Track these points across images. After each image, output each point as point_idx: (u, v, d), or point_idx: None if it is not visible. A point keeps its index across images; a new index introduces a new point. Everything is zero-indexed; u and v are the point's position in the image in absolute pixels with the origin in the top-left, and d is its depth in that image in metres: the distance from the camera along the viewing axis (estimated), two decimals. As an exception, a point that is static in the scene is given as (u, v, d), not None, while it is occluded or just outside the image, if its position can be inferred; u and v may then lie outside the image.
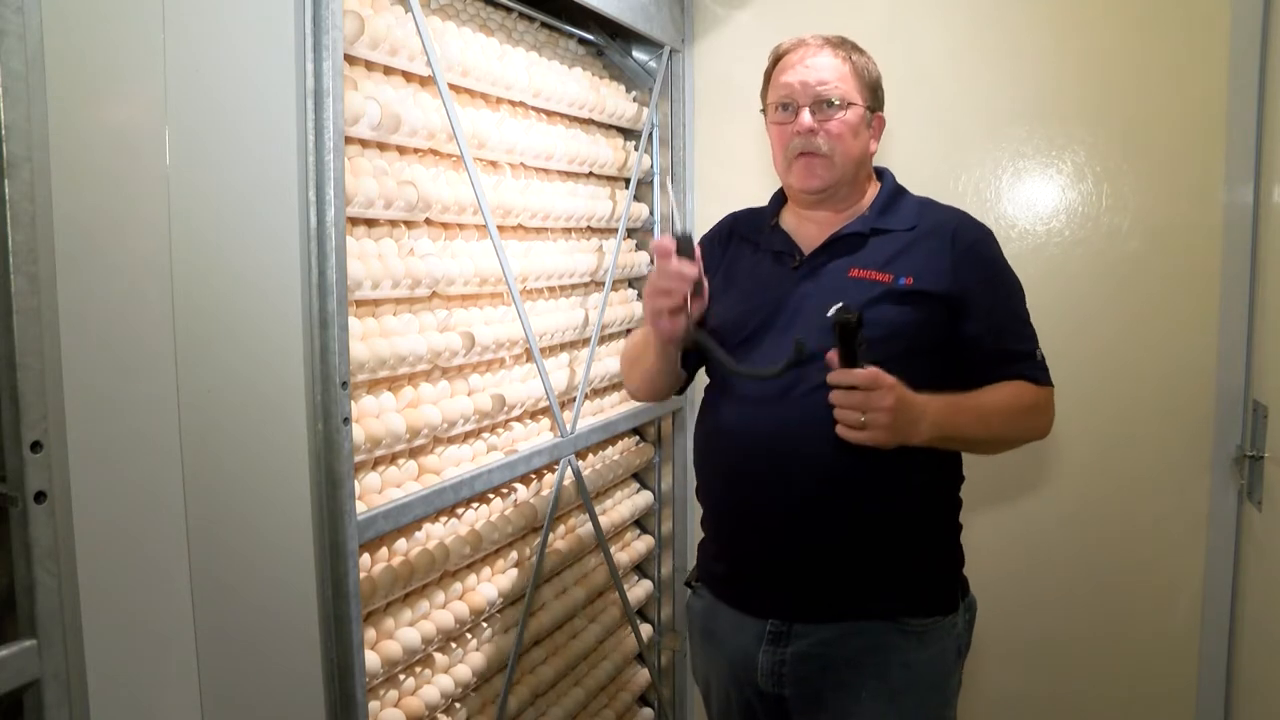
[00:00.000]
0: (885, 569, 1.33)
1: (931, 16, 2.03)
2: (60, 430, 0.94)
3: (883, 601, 1.33)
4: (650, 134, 2.14)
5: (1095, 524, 2.00)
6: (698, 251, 1.34)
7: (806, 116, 1.37)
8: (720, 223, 1.58)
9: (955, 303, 1.34)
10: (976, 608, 1.47)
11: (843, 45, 1.43)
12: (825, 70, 1.38)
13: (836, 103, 1.37)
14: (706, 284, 1.37)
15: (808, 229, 1.44)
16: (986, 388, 1.34)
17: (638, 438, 2.28)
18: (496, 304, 1.70)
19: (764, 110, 1.46)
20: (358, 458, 1.30)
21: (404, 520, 1.37)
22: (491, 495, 1.68)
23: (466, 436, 1.64)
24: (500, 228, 1.66)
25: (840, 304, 1.27)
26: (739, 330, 1.40)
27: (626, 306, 2.13)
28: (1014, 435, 1.38)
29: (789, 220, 1.48)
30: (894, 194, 1.44)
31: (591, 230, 2.03)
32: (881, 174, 1.49)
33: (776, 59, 1.45)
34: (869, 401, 1.20)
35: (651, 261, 2.22)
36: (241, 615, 1.23)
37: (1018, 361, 1.37)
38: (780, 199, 1.51)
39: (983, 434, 1.33)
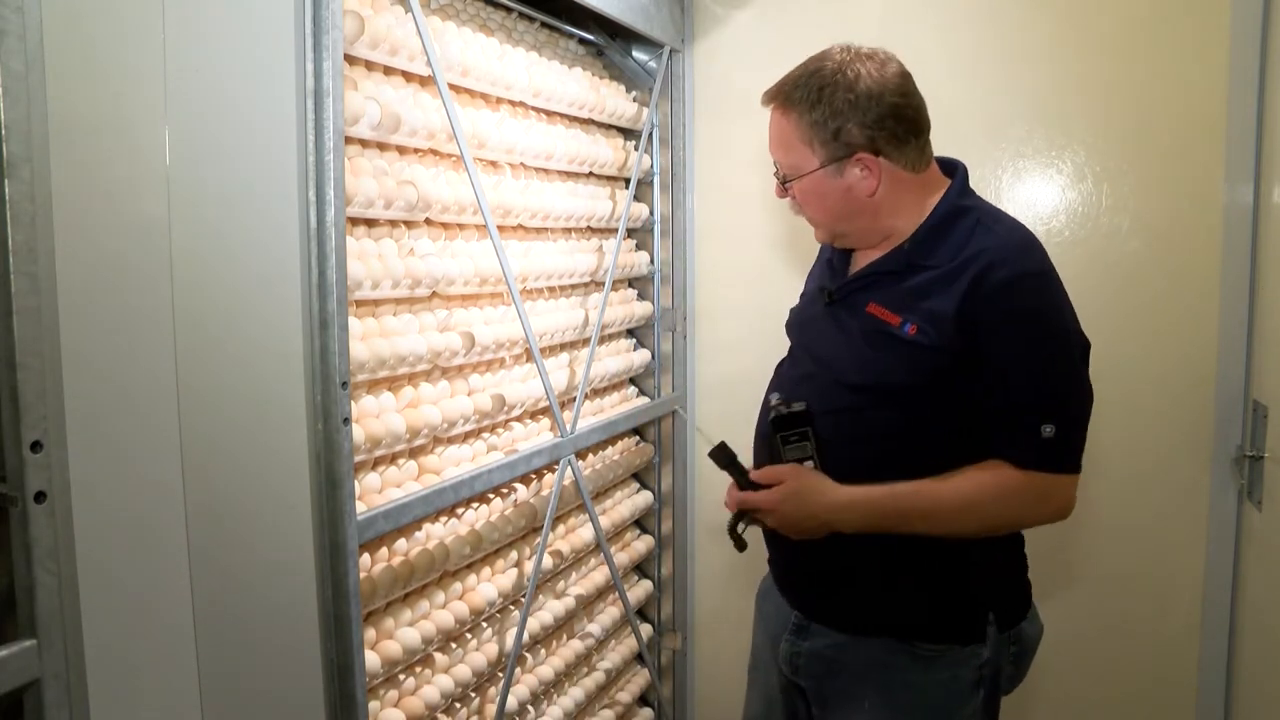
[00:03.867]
0: (897, 587, 1.31)
1: (930, 16, 2.03)
2: (60, 430, 0.94)
3: (891, 620, 1.31)
4: (650, 134, 2.14)
5: (1095, 524, 2.00)
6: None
7: (777, 186, 1.36)
8: None
9: (963, 358, 1.20)
10: (1033, 641, 1.38)
11: (792, 97, 1.28)
12: (773, 138, 1.33)
13: (785, 176, 1.33)
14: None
15: (864, 253, 1.38)
16: (957, 474, 1.23)
17: (638, 438, 2.28)
18: (496, 304, 1.70)
19: None
20: (358, 458, 1.30)
21: (404, 520, 1.37)
22: (491, 495, 1.68)
23: (466, 436, 1.64)
24: (500, 228, 1.66)
25: (777, 395, 1.32)
26: (790, 337, 1.48)
27: (626, 306, 2.13)
28: (985, 528, 1.26)
29: None
30: (947, 218, 1.28)
31: (591, 230, 2.03)
32: (953, 169, 1.36)
33: None
34: (750, 504, 1.31)
35: (651, 261, 2.23)
36: (242, 615, 1.23)
37: (1013, 432, 1.21)
38: None
39: (927, 531, 1.25)
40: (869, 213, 1.30)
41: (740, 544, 1.38)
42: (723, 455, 1.37)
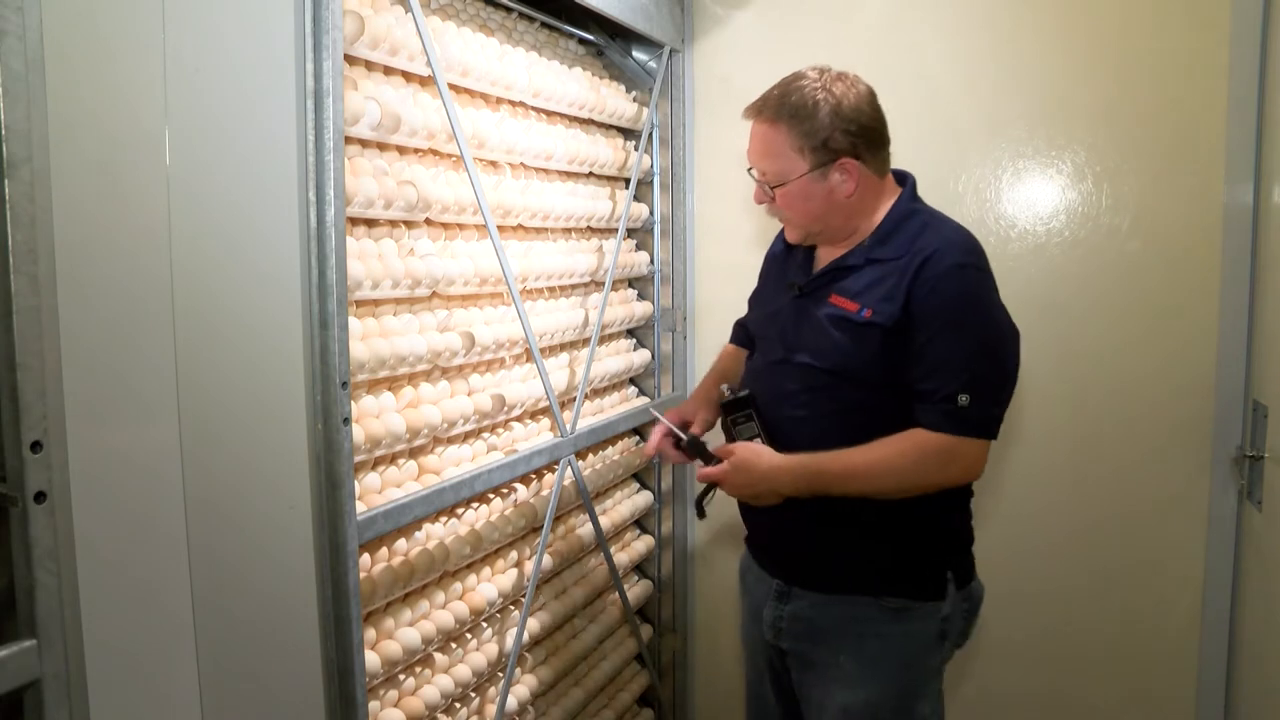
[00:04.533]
0: (868, 550, 1.45)
1: (931, 16, 2.03)
2: (60, 430, 0.94)
3: (864, 578, 1.45)
4: (650, 134, 2.14)
5: (1095, 524, 2.00)
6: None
7: (759, 190, 1.49)
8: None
9: (907, 335, 1.36)
10: (979, 599, 1.54)
11: (782, 110, 1.41)
12: (760, 149, 1.45)
13: (771, 183, 1.45)
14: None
15: (826, 250, 1.52)
16: (875, 442, 1.37)
17: (637, 438, 2.28)
18: (496, 304, 1.70)
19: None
20: (358, 458, 1.30)
21: (404, 520, 1.37)
22: (491, 495, 1.68)
23: (466, 436, 1.64)
24: (500, 228, 1.66)
25: (727, 385, 1.52)
26: (755, 332, 1.63)
27: (626, 306, 2.13)
28: (892, 488, 1.39)
29: None
30: (901, 219, 1.44)
31: (591, 230, 2.03)
32: (903, 180, 1.50)
33: None
34: (710, 478, 1.47)
35: (651, 261, 2.22)
36: (242, 615, 1.23)
37: (930, 404, 1.36)
38: None
39: (855, 491, 1.39)
40: (844, 213, 1.45)
41: (701, 513, 1.60)
42: (693, 447, 1.55)
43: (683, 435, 1.57)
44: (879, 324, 1.37)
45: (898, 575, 1.45)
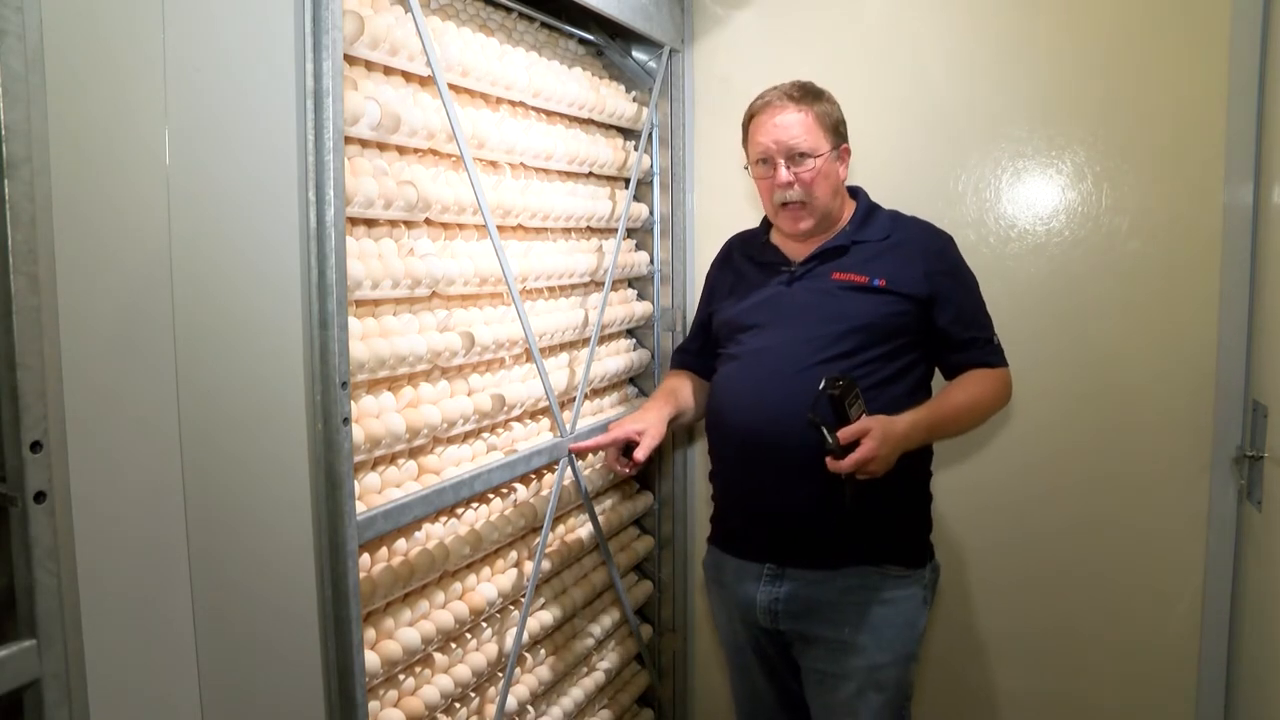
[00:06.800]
0: (865, 525, 1.54)
1: (931, 16, 2.03)
2: (60, 430, 0.94)
3: (866, 550, 1.57)
4: (650, 134, 2.14)
5: (1095, 524, 2.00)
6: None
7: (784, 172, 1.59)
8: (722, 247, 1.88)
9: (926, 301, 1.60)
10: (940, 569, 1.72)
11: (804, 97, 1.60)
12: (792, 126, 1.58)
13: (806, 154, 1.58)
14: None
15: (796, 244, 1.70)
16: (954, 386, 1.61)
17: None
18: (496, 304, 1.70)
19: (747, 166, 1.68)
20: (357, 458, 1.30)
21: (404, 520, 1.37)
22: (491, 495, 1.68)
23: (466, 436, 1.64)
24: (500, 228, 1.66)
25: (826, 377, 1.45)
26: (741, 324, 1.70)
27: (626, 306, 2.13)
28: (983, 418, 1.66)
29: (778, 237, 1.74)
30: (869, 211, 1.69)
31: (591, 230, 2.03)
32: (855, 193, 1.72)
33: (750, 117, 1.65)
34: (860, 461, 1.42)
35: (651, 261, 2.22)
36: (242, 615, 1.23)
37: (978, 348, 1.64)
38: (769, 222, 1.76)
39: (959, 429, 1.64)
40: (841, 194, 1.66)
41: (854, 508, 1.48)
42: (834, 447, 1.43)
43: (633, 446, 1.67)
44: (896, 291, 1.58)
45: (896, 545, 1.60)
